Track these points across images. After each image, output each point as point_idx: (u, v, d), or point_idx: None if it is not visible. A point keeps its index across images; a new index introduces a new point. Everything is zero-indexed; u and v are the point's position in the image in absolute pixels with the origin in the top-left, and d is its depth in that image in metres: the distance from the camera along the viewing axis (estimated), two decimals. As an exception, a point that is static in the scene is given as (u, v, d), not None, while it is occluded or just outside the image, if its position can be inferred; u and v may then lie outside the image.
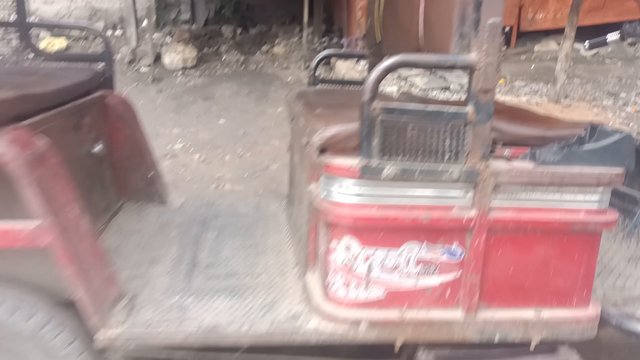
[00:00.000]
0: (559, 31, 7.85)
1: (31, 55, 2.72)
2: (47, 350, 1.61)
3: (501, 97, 6.93)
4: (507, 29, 8.96)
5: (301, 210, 2.16)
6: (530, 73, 8.19)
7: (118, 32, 9.59)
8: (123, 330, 1.64)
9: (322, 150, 1.67)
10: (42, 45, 8.17)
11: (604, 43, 2.65)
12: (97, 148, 2.43)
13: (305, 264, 2.01)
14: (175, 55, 7.96)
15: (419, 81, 7.13)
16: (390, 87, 6.78)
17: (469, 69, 1.57)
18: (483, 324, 1.77)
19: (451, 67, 1.59)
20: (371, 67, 3.00)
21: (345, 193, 1.66)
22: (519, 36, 9.27)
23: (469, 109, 1.58)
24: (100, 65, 2.69)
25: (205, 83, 7.51)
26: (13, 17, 2.67)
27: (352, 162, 1.61)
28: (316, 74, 2.97)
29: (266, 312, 1.81)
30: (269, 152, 5.64)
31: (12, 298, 1.59)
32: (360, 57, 3.05)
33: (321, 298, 1.80)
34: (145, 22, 8.83)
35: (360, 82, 3.17)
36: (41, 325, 1.59)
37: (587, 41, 2.80)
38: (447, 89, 7.11)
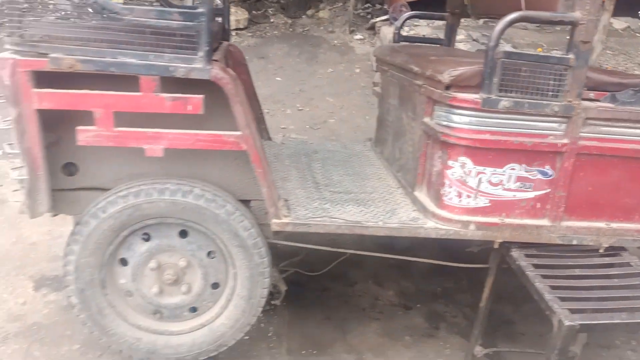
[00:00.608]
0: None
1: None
2: (233, 232, 2.10)
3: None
4: None
5: (407, 142, 2.61)
6: (567, 43, 8.47)
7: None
8: (290, 220, 2.14)
9: (447, 87, 2.12)
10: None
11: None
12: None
13: (413, 184, 2.48)
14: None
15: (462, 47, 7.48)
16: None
17: (573, 24, 2.00)
18: (565, 230, 2.24)
19: (559, 23, 2.03)
20: (450, 28, 3.43)
21: (465, 122, 2.12)
22: (557, 7, 9.49)
23: (571, 56, 2.02)
24: (220, 19, 3.13)
25: (258, 43, 7.92)
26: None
27: (474, 96, 2.06)
28: (401, 32, 3.40)
29: (391, 216, 2.29)
30: (325, 107, 6.08)
31: (210, 192, 2.08)
32: (439, 18, 3.45)
33: (435, 206, 2.28)
34: (195, -17, 9.15)
35: (437, 41, 3.60)
36: (231, 213, 2.09)
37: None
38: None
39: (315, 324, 2.92)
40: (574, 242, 2.25)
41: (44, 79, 1.83)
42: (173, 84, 1.87)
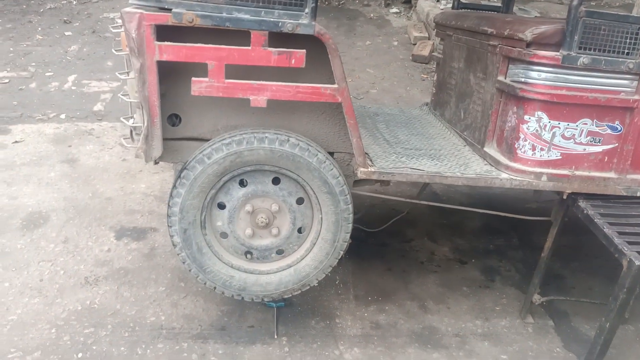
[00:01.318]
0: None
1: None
2: (323, 179, 2.28)
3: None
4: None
5: (475, 102, 2.76)
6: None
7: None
8: (376, 169, 2.31)
9: (528, 44, 2.26)
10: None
11: None
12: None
13: (481, 141, 2.63)
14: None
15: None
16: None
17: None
18: (630, 182, 2.39)
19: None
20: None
21: (544, 78, 2.26)
22: (591, -18, 9.45)
23: (647, 16, 2.14)
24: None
25: (294, 15, 8.05)
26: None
27: (554, 53, 2.20)
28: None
29: (465, 168, 2.46)
30: (366, 78, 6.21)
31: (304, 141, 2.25)
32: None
33: (508, 159, 2.43)
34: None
35: (495, 8, 3.71)
36: (322, 161, 2.26)
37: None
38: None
39: (378, 274, 3.12)
40: (639, 194, 2.40)
41: (160, 33, 2.00)
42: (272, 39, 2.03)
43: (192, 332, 2.59)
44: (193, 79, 2.04)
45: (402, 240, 3.49)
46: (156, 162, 2.38)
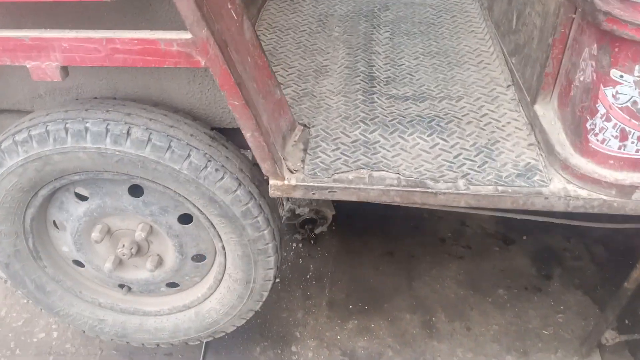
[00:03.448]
0: None
1: None
2: (208, 197, 1.26)
3: None
4: None
5: (535, 6, 1.47)
6: None
7: None
8: (300, 182, 1.24)
9: None
10: None
11: None
12: None
13: (534, 89, 1.41)
14: None
15: None
16: None
17: None
18: None
19: None
20: None
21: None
22: None
23: None
24: None
25: None
26: None
27: None
28: None
29: (484, 164, 1.30)
30: None
31: (160, 132, 1.21)
32: None
33: (572, 147, 1.24)
34: None
35: None
36: (198, 167, 1.23)
37: None
38: None
39: (371, 263, 2.16)
40: None
41: None
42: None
43: (89, 358, 1.86)
44: None
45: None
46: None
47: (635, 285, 1.54)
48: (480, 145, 1.36)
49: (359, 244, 2.21)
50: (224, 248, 1.40)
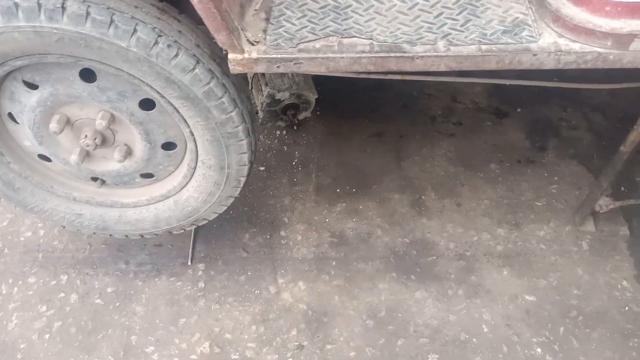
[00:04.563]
0: None
1: None
2: (164, 76, 1.16)
3: None
4: None
5: None
6: None
7: None
8: (262, 54, 1.12)
9: None
10: None
11: None
12: None
13: None
14: None
15: None
16: None
17: None
18: None
19: None
20: None
21: None
22: None
23: None
24: None
25: None
26: None
27: None
28: None
29: (467, 23, 1.17)
30: None
31: (100, 6, 1.08)
32: None
33: (563, -4, 1.11)
34: None
35: None
36: (147, 44, 1.11)
37: None
38: None
39: (359, 144, 2.09)
40: None
41: None
42: None
43: (77, 256, 1.85)
44: None
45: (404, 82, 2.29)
46: None
47: (632, 149, 1.46)
48: (463, 1, 1.22)
49: (346, 127, 2.13)
50: (192, 133, 1.31)
